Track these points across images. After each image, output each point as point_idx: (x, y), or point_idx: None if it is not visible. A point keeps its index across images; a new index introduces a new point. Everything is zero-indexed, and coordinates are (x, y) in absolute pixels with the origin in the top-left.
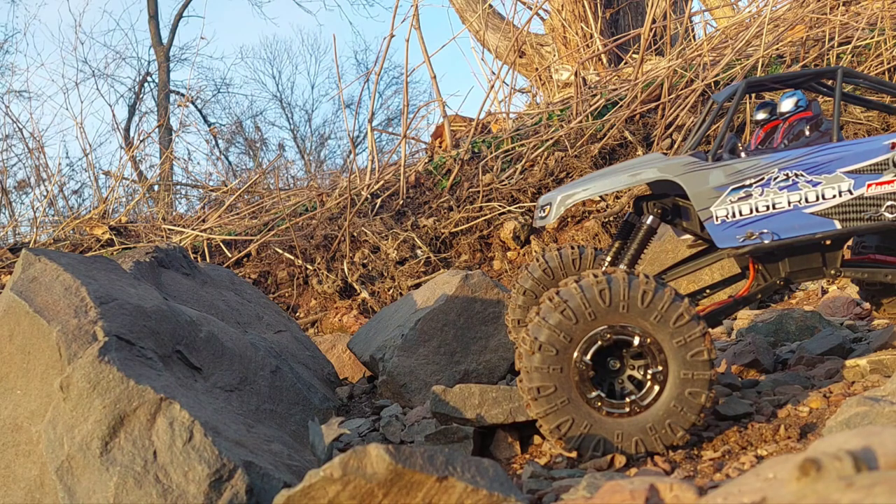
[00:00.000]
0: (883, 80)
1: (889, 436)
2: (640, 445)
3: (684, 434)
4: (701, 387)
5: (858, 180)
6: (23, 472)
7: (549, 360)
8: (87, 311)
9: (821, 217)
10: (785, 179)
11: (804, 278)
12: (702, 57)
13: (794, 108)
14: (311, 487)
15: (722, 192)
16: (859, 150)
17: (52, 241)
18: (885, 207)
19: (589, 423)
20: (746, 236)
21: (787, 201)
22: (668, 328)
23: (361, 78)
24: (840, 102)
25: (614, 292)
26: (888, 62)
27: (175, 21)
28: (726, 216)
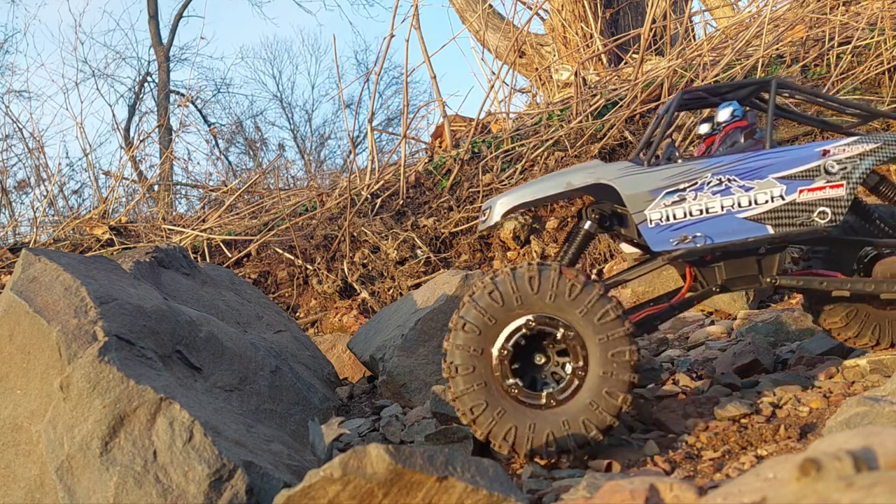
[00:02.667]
0: (818, 92)
1: (889, 436)
2: (551, 440)
3: (598, 433)
4: (619, 388)
5: (790, 186)
6: (23, 471)
7: (472, 341)
8: (87, 311)
9: (753, 222)
10: (718, 184)
11: (741, 286)
12: (702, 57)
13: (729, 118)
14: (311, 487)
15: (656, 195)
16: (792, 156)
17: (52, 241)
18: (816, 213)
19: (503, 409)
20: (680, 240)
21: (721, 206)
22: (592, 324)
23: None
24: (773, 112)
25: (543, 282)
26: (888, 62)
27: (175, 21)
28: (660, 220)
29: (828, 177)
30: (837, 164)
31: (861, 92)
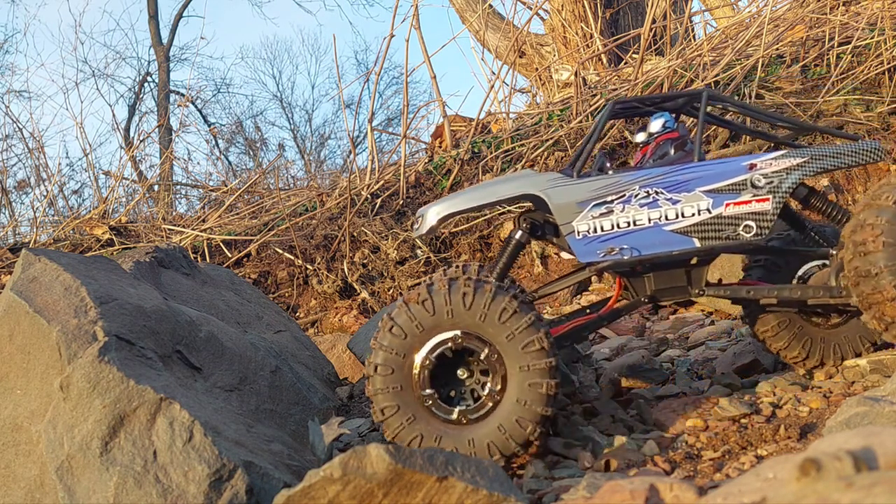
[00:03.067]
0: (747, 105)
1: (889, 436)
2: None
3: (501, 459)
4: (531, 418)
5: (717, 199)
6: (23, 471)
7: (398, 344)
8: (87, 311)
9: (680, 235)
10: (646, 196)
11: (670, 297)
12: (702, 57)
13: (661, 129)
14: (311, 487)
15: (584, 207)
16: (719, 169)
17: (52, 241)
18: (742, 227)
19: (413, 417)
20: (607, 251)
21: (648, 218)
22: (516, 350)
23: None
24: (703, 124)
25: (477, 299)
26: (888, 62)
27: (175, 21)
28: (588, 231)
29: (754, 191)
30: (764, 179)
31: (861, 92)
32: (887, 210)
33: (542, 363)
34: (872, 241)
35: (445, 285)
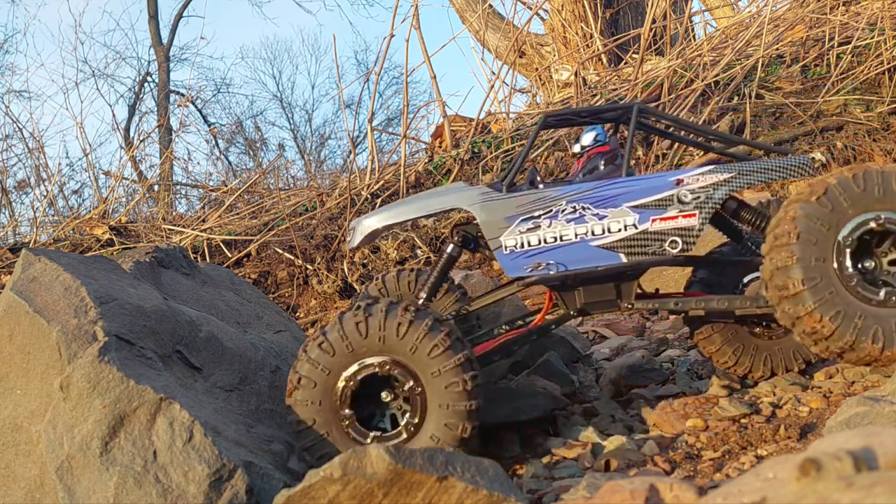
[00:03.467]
0: (678, 119)
1: (889, 436)
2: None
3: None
4: (459, 417)
5: (643, 215)
6: (23, 471)
7: (324, 360)
8: (87, 311)
9: (607, 250)
10: (573, 212)
11: (600, 310)
12: (702, 57)
13: (592, 143)
14: (311, 487)
15: (511, 222)
16: (645, 185)
17: (52, 241)
18: (668, 242)
19: (329, 433)
20: (534, 267)
21: (574, 234)
22: (423, 359)
23: (361, 78)
24: (633, 138)
25: (371, 325)
26: (888, 62)
27: (175, 21)
28: (515, 246)
29: (680, 206)
30: (691, 194)
31: (861, 92)
32: (795, 246)
33: (461, 405)
34: (788, 236)
35: (383, 311)
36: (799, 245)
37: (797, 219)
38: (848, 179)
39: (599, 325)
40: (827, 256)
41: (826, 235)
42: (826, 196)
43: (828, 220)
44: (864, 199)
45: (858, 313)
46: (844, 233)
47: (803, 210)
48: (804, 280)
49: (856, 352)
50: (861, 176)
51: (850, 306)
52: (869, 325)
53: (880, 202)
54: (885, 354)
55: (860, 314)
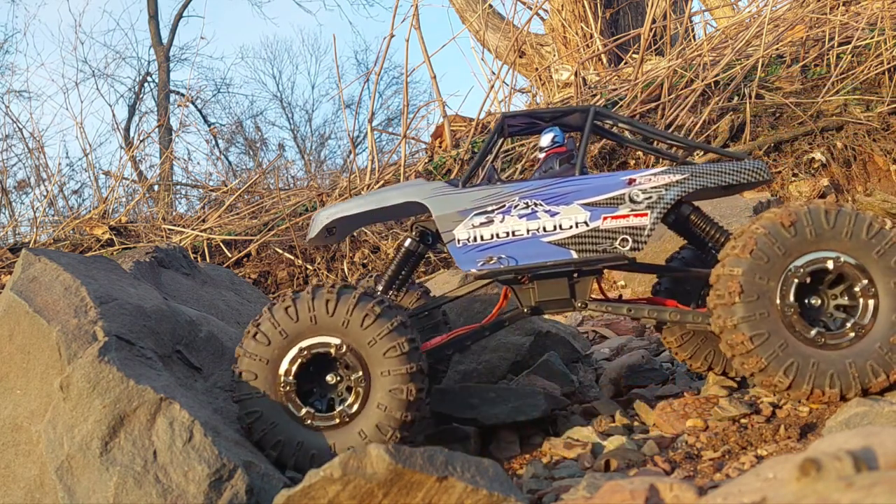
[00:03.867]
0: (634, 121)
1: (889, 436)
2: (315, 463)
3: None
4: (390, 424)
5: (595, 213)
6: (22, 471)
7: (261, 350)
8: (87, 311)
9: (557, 246)
10: (525, 208)
11: (554, 308)
12: (702, 57)
13: (549, 144)
14: (311, 487)
15: (465, 216)
16: (598, 184)
17: (52, 241)
18: (619, 240)
19: (276, 423)
20: (486, 260)
21: (527, 229)
22: (379, 356)
23: (361, 78)
24: (588, 138)
25: (340, 307)
26: (888, 62)
27: (175, 21)
28: (467, 240)
29: (632, 205)
30: (643, 194)
31: (861, 92)
32: (744, 261)
33: (402, 368)
34: (730, 293)
35: (310, 293)
36: (748, 263)
37: (757, 236)
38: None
39: (599, 324)
40: (773, 279)
41: (779, 261)
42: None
43: (783, 247)
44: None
45: (782, 342)
46: (798, 263)
47: (765, 228)
48: (742, 295)
49: (765, 376)
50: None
51: (777, 332)
52: (787, 357)
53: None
54: (790, 390)
55: (783, 344)
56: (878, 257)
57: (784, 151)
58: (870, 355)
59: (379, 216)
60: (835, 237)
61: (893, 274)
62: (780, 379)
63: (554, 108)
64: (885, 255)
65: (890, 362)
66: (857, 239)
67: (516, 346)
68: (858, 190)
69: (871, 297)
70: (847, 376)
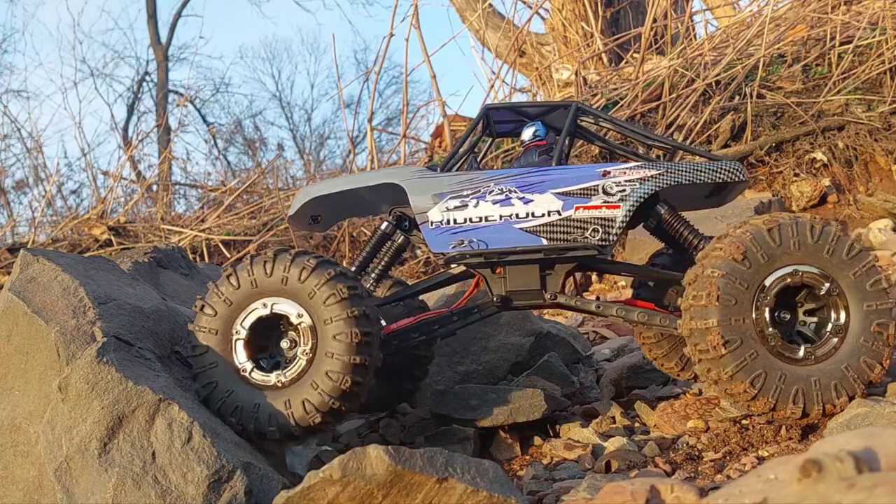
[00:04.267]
0: (616, 119)
1: (890, 437)
2: (273, 419)
3: (317, 415)
4: (339, 369)
5: (568, 202)
6: (21, 472)
7: (211, 322)
8: (86, 312)
9: (528, 233)
10: (500, 194)
11: (523, 300)
12: (703, 56)
13: (531, 138)
14: (311, 489)
15: (440, 199)
16: (573, 174)
17: (50, 241)
18: (589, 230)
19: (232, 391)
20: (457, 243)
21: (499, 215)
22: (320, 307)
23: (361, 77)
24: (567, 132)
25: (276, 267)
26: (889, 62)
27: (174, 20)
28: (441, 222)
29: (605, 197)
30: (616, 186)
31: (862, 91)
32: (727, 264)
33: (344, 313)
34: (707, 295)
35: (291, 256)
36: (731, 267)
37: (744, 240)
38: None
39: (600, 325)
40: (752, 287)
41: (761, 269)
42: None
43: (767, 255)
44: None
45: (753, 352)
46: (778, 274)
47: (753, 234)
48: (720, 298)
49: (731, 384)
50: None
51: (749, 341)
52: (756, 367)
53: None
54: (756, 400)
55: (753, 353)
56: (855, 278)
57: (785, 151)
58: (835, 375)
59: (362, 207)
60: (816, 252)
61: (867, 297)
62: (746, 388)
63: (536, 102)
64: (860, 277)
65: (854, 385)
66: (836, 256)
67: (517, 346)
68: (860, 190)
69: (841, 312)
70: (811, 394)
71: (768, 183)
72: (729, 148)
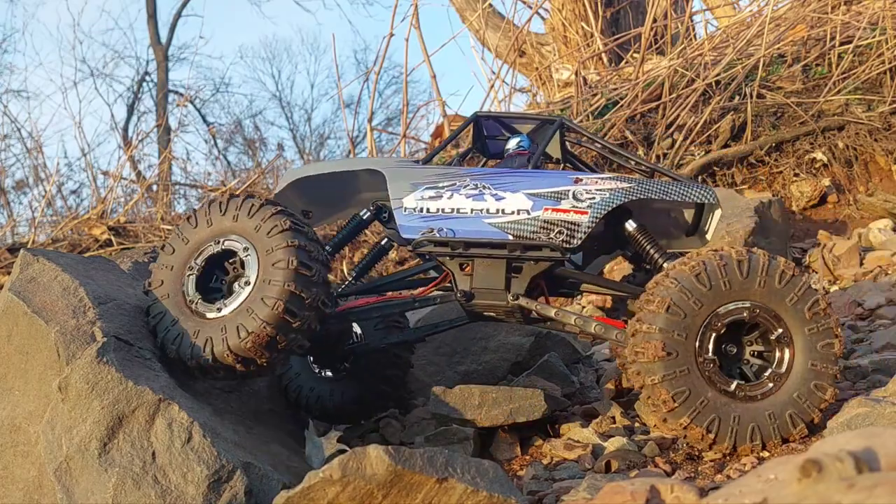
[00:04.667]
0: (595, 136)
1: (890, 437)
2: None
3: (250, 337)
4: (279, 283)
5: (538, 203)
6: (21, 472)
7: (159, 292)
8: (86, 312)
9: (496, 228)
10: (474, 189)
11: (485, 300)
12: (703, 56)
13: (515, 147)
14: (311, 489)
15: (416, 188)
16: (547, 179)
17: (50, 242)
18: (554, 232)
19: (197, 329)
20: (427, 231)
21: (471, 208)
22: (263, 238)
23: (361, 77)
24: (547, 144)
25: (230, 206)
26: (889, 62)
27: (174, 20)
28: (414, 209)
29: (574, 202)
30: (586, 193)
31: (862, 92)
32: (659, 317)
33: (283, 242)
34: (649, 351)
35: (242, 198)
36: (664, 320)
37: (671, 291)
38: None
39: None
40: (690, 334)
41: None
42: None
43: (699, 301)
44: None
45: (703, 399)
46: (717, 314)
47: (679, 282)
48: (662, 354)
49: (688, 432)
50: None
51: (698, 389)
52: (709, 413)
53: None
54: (715, 445)
55: (704, 401)
56: (791, 305)
57: (785, 151)
58: (788, 404)
59: (347, 200)
60: (748, 287)
61: (806, 321)
62: (701, 436)
63: (525, 114)
64: (797, 303)
65: (808, 409)
66: (769, 287)
67: (517, 346)
68: (860, 190)
69: (786, 346)
70: (767, 428)
71: (768, 183)
72: (729, 148)
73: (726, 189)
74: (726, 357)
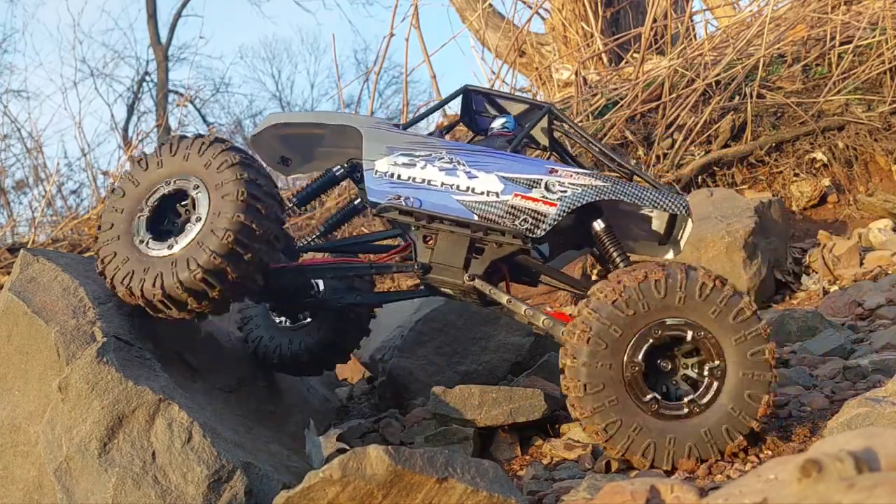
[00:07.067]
0: (582, 130)
1: (890, 437)
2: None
3: (197, 271)
4: (223, 223)
5: (509, 187)
6: (21, 473)
7: (109, 234)
8: (86, 312)
9: (463, 206)
10: (448, 163)
11: (442, 275)
12: (703, 56)
13: (499, 127)
14: (311, 489)
15: (391, 152)
16: (522, 164)
17: (50, 242)
18: (520, 219)
19: (147, 267)
20: (394, 197)
21: (441, 182)
22: (213, 174)
23: (361, 77)
24: (531, 128)
25: (180, 146)
26: (889, 62)
27: (174, 20)
28: (385, 173)
29: (545, 192)
30: (559, 185)
31: (862, 91)
32: (583, 351)
33: (233, 176)
34: (575, 385)
35: (192, 138)
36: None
37: (590, 322)
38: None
39: None
40: (615, 363)
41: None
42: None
43: (619, 327)
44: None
45: (636, 426)
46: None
47: (598, 312)
48: (588, 386)
49: (628, 456)
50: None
51: (630, 417)
52: (644, 439)
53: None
54: (653, 468)
55: (637, 427)
56: (715, 316)
57: (785, 151)
58: (724, 419)
59: (327, 155)
60: (668, 305)
61: (733, 331)
62: (639, 461)
63: (515, 95)
64: (721, 314)
65: (745, 420)
66: (690, 303)
67: (517, 346)
68: (860, 190)
69: (716, 379)
70: (704, 445)
71: (768, 183)
72: (729, 148)
73: (726, 189)
74: (659, 372)
